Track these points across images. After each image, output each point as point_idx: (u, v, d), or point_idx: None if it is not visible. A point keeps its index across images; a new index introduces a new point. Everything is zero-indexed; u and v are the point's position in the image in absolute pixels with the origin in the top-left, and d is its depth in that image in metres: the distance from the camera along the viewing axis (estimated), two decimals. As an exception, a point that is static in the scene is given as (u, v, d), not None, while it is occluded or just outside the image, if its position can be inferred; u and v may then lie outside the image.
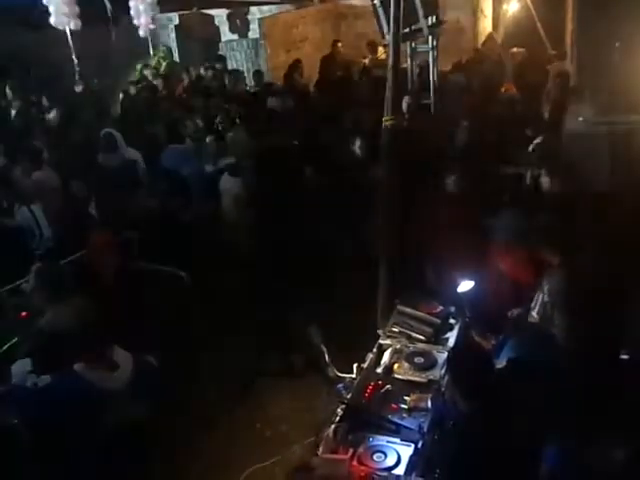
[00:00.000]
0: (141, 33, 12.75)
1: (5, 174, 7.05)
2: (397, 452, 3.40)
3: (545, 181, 5.36)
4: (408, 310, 4.47)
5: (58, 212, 6.33)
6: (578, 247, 4.39)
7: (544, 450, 3.43)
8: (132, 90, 10.71)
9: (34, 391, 3.87)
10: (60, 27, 11.69)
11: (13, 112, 9.62)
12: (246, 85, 11.00)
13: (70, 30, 11.72)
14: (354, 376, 3.99)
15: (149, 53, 13.08)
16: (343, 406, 3.67)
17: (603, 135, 5.63)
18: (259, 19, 12.59)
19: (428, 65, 8.02)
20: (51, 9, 11.63)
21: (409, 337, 4.27)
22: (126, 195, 6.58)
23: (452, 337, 4.29)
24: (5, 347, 4.54)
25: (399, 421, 3.59)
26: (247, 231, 6.46)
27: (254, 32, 12.75)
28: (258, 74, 11.00)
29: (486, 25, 13.24)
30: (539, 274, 4.47)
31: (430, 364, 3.99)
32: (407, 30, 6.51)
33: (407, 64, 8.23)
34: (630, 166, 5.34)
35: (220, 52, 12.98)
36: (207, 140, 7.47)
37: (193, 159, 7.30)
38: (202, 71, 11.59)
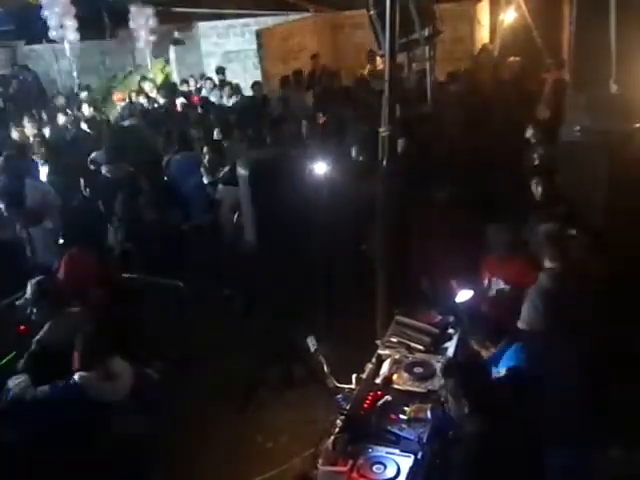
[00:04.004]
0: (140, 46, 12.88)
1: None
2: (397, 463, 3.38)
3: (541, 190, 5.37)
4: (407, 320, 4.47)
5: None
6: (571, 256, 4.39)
7: (549, 456, 3.42)
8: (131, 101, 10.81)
9: (33, 404, 3.86)
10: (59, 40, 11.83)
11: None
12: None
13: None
14: (353, 387, 3.97)
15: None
16: (342, 417, 3.65)
17: (600, 144, 5.63)
18: (256, 30, 12.61)
19: (425, 75, 8.05)
20: (50, 23, 11.78)
21: (408, 347, 4.26)
22: (127, 207, 6.58)
23: (451, 347, 4.28)
24: (4, 361, 4.53)
25: (399, 432, 3.57)
26: (244, 240, 6.43)
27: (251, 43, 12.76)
28: (257, 85, 11.02)
29: (483, 35, 13.27)
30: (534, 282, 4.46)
31: (429, 374, 3.97)
32: (404, 40, 6.51)
33: (404, 74, 8.27)
34: (628, 175, 5.34)
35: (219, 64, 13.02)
36: (204, 150, 7.47)
37: (196, 169, 7.31)
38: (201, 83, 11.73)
